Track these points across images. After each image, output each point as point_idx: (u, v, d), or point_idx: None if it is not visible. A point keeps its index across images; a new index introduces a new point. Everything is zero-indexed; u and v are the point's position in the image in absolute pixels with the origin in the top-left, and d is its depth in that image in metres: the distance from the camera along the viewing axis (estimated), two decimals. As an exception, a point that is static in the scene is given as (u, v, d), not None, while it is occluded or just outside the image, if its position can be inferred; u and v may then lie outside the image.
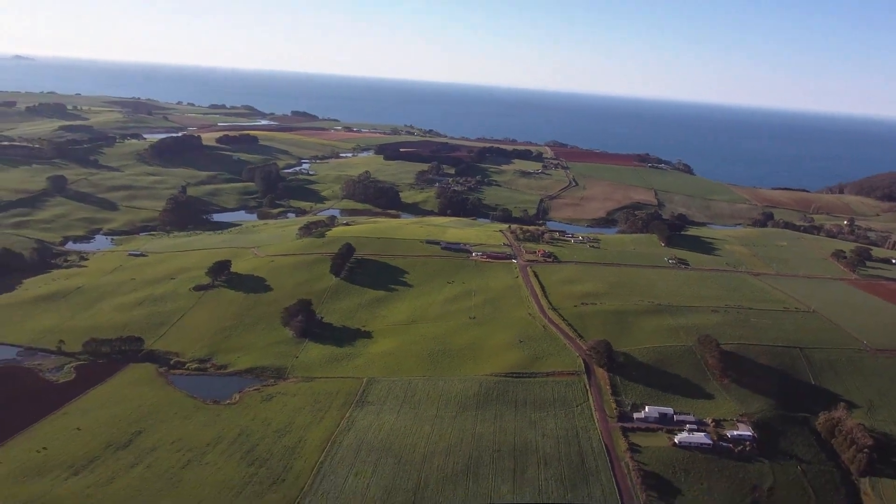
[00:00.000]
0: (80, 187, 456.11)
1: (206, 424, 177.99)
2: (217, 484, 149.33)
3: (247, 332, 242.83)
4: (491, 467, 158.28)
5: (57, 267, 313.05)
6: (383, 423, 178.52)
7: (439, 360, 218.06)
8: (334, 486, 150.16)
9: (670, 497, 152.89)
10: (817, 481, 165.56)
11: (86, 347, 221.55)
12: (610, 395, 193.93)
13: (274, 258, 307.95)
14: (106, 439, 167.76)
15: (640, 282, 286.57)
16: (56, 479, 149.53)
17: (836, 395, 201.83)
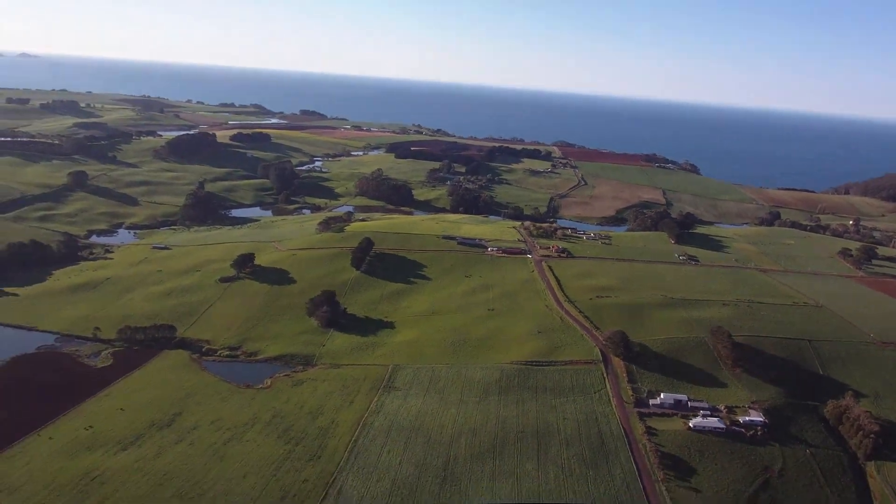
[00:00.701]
0: (100, 183, 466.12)
1: (242, 406, 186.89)
2: (258, 459, 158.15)
3: (273, 321, 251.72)
4: (515, 447, 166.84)
5: (84, 259, 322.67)
6: (410, 406, 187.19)
7: (461, 349, 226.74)
8: (368, 462, 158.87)
9: (686, 475, 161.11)
10: (825, 464, 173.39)
11: (120, 334, 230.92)
12: (626, 382, 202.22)
13: (295, 252, 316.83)
14: (149, 419, 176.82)
15: (652, 276, 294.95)
16: (106, 453, 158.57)
17: (843, 385, 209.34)
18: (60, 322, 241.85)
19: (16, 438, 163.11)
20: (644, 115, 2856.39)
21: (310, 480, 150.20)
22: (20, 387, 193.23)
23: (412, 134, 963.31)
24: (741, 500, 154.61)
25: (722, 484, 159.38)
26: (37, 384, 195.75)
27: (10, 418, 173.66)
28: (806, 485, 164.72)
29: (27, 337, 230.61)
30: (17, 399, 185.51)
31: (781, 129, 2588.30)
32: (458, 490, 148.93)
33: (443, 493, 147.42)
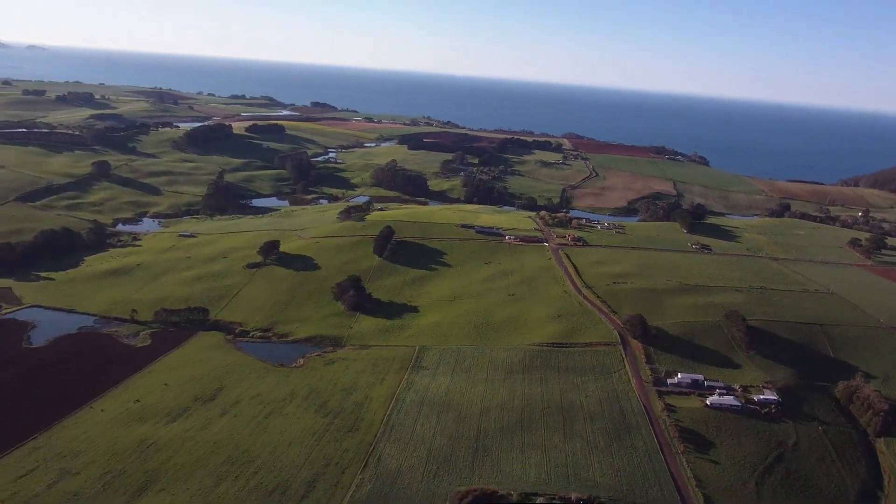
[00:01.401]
0: (122, 172, 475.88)
1: (279, 383, 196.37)
2: (300, 430, 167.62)
3: (301, 305, 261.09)
4: (542, 421, 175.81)
5: (112, 246, 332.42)
6: (439, 384, 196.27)
7: (484, 332, 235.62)
8: (403, 433, 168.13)
9: (705, 449, 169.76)
10: (837, 440, 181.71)
11: (157, 317, 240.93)
12: (644, 363, 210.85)
13: (318, 240, 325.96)
14: (193, 393, 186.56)
15: (667, 264, 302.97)
16: (156, 424, 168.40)
17: (853, 367, 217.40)
18: (98, 305, 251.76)
19: (71, 410, 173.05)
20: (650, 107, 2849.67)
21: (350, 450, 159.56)
22: (67, 364, 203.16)
23: (423, 126, 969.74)
24: (757, 472, 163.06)
25: (739, 457, 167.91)
26: (82, 362, 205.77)
27: (62, 392, 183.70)
28: (818, 459, 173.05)
29: (67, 318, 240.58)
30: (65, 375, 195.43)
31: (790, 122, 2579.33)
32: (490, 460, 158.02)
33: (476, 463, 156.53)
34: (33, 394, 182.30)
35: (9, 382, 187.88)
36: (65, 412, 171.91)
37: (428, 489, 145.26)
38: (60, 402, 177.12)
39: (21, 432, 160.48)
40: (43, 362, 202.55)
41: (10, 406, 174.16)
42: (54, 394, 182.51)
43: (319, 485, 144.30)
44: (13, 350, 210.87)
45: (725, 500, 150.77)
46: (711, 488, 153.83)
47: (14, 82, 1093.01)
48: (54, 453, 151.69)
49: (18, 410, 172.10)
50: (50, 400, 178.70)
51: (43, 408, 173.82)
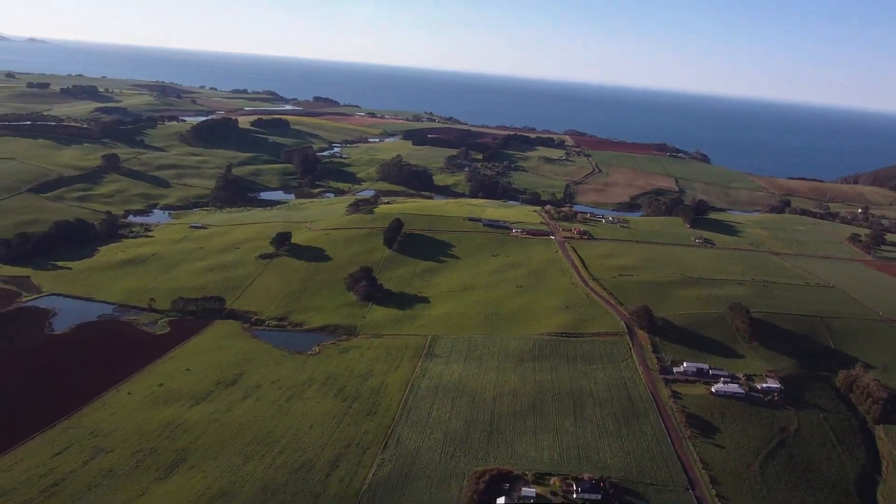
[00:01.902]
0: (131, 165, 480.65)
1: (297, 369, 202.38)
2: (320, 413, 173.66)
3: (314, 295, 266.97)
4: (553, 406, 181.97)
5: (125, 237, 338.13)
6: (452, 371, 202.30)
7: (494, 322, 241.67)
8: (420, 417, 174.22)
9: (710, 434, 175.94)
10: (837, 427, 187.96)
11: (174, 305, 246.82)
12: (651, 352, 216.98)
13: (329, 231, 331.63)
14: (215, 378, 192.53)
15: (671, 257, 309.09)
16: (182, 406, 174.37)
17: (853, 358, 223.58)
18: (115, 294, 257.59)
19: (98, 393, 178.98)
20: (650, 105, 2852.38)
21: (370, 432, 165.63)
22: (90, 349, 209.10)
23: (425, 122, 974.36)
24: (761, 456, 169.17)
25: (743, 441, 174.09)
26: (104, 348, 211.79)
27: (87, 376, 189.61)
28: (819, 444, 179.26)
29: (86, 307, 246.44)
30: (89, 360, 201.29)
31: (790, 121, 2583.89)
32: (504, 442, 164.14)
33: (491, 445, 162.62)
34: (60, 377, 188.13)
35: (35, 367, 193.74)
36: (93, 395, 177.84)
37: (446, 469, 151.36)
38: (87, 385, 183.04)
39: (52, 413, 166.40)
40: (67, 348, 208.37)
41: (39, 388, 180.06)
42: (80, 377, 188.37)
43: (342, 464, 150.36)
44: (37, 336, 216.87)
45: (731, 481, 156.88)
46: (717, 470, 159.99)
47: (17, 75, 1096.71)
48: (86, 433, 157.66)
49: (47, 392, 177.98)
50: (77, 383, 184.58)
51: (71, 390, 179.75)
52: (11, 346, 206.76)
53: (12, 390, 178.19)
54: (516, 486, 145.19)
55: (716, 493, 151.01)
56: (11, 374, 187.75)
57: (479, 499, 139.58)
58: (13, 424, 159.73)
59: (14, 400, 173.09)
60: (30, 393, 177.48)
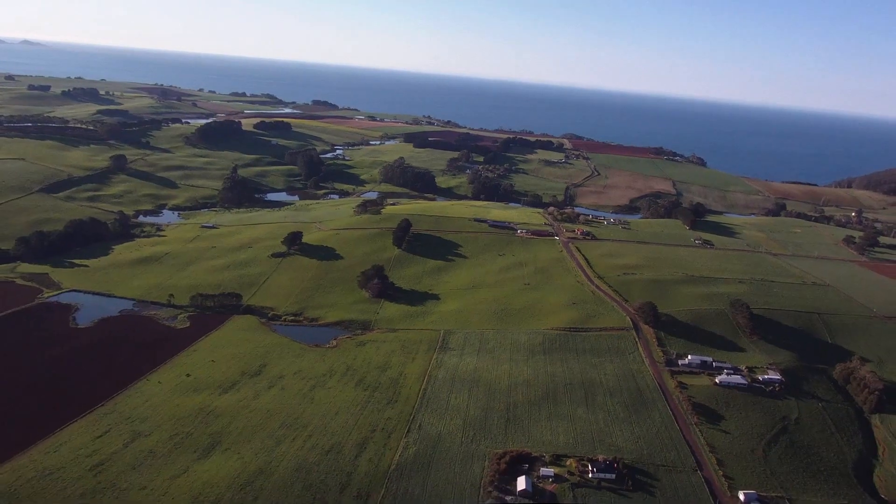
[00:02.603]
0: (138, 167, 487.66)
1: (317, 361, 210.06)
2: (343, 402, 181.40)
3: (327, 292, 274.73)
4: (566, 395, 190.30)
5: (137, 236, 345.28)
6: (467, 363, 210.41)
7: (503, 317, 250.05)
8: (439, 405, 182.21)
9: (716, 421, 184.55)
10: (835, 415, 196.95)
11: (192, 301, 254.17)
12: (656, 346, 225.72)
13: (338, 231, 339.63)
14: (239, 369, 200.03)
15: (673, 257, 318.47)
16: (211, 395, 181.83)
17: (849, 352, 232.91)
18: (134, 290, 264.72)
19: (129, 382, 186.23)
20: (645, 110, 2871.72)
21: (392, 418, 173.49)
22: (115, 342, 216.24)
23: (424, 125, 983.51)
24: (764, 441, 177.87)
25: (747, 428, 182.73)
26: (129, 340, 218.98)
27: (117, 366, 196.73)
28: (819, 431, 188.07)
29: (107, 302, 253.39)
30: (116, 352, 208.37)
31: (782, 126, 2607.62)
32: (521, 428, 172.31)
33: (508, 430, 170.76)
34: (89, 367, 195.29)
35: (65, 357, 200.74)
36: (124, 384, 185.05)
37: (468, 451, 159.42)
38: (117, 375, 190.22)
39: (88, 400, 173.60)
40: (93, 340, 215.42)
41: (71, 377, 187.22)
42: (109, 368, 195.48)
43: (369, 446, 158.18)
44: (62, 329, 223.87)
45: (737, 464, 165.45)
46: (723, 453, 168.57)
47: (17, 77, 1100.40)
48: (123, 418, 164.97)
49: (80, 381, 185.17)
50: (107, 373, 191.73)
51: (102, 380, 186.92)
52: (39, 338, 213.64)
53: (45, 379, 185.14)
54: (535, 466, 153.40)
55: (723, 474, 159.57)
56: (42, 364, 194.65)
57: (501, 478, 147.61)
58: (53, 410, 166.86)
59: (48, 388, 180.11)
60: (63, 381, 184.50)
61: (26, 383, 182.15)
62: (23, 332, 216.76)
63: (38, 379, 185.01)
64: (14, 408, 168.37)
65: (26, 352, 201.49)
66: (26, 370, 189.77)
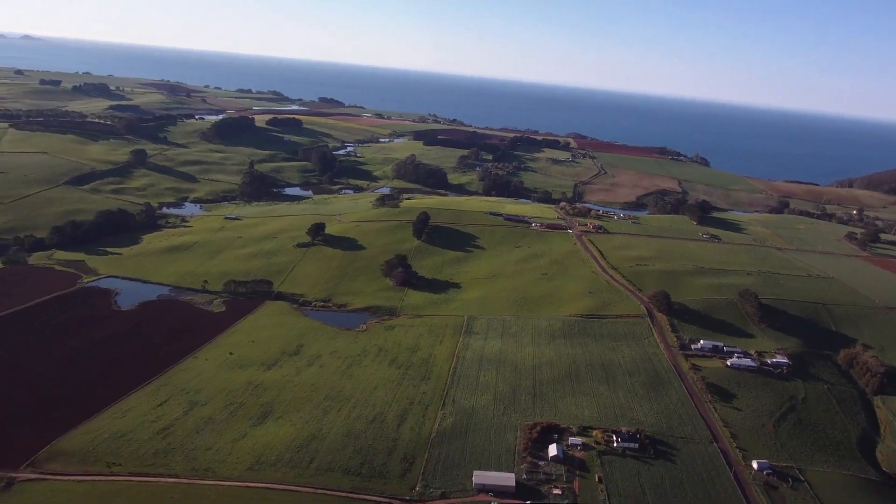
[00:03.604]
0: (157, 161, 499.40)
1: (350, 343, 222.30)
2: (380, 378, 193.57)
3: (352, 280, 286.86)
4: (588, 375, 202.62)
5: (163, 227, 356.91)
6: (492, 346, 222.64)
7: (523, 305, 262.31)
8: (469, 382, 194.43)
9: (728, 399, 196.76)
10: (840, 396, 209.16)
11: (226, 287, 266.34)
12: (670, 332, 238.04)
13: (359, 223, 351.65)
14: (279, 348, 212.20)
15: (682, 250, 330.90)
16: (256, 371, 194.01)
17: (852, 339, 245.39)
18: (169, 276, 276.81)
19: (178, 359, 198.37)
20: (649, 110, 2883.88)
21: (427, 393, 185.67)
22: (158, 323, 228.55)
23: (431, 123, 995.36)
24: (774, 418, 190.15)
25: (757, 406, 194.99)
26: (170, 322, 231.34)
27: (162, 345, 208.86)
28: (824, 410, 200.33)
29: (144, 288, 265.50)
30: (159, 332, 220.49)
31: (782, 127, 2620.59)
32: (548, 403, 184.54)
33: (536, 405, 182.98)
34: (138, 345, 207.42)
35: (113, 336, 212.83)
36: (173, 360, 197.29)
37: (500, 422, 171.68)
38: (166, 352, 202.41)
39: (143, 374, 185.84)
40: (136, 322, 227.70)
41: (123, 353, 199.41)
42: (157, 345, 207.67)
43: (409, 417, 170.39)
44: (106, 311, 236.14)
45: (749, 437, 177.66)
46: (736, 428, 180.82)
47: (26, 72, 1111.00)
48: (178, 390, 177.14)
49: (132, 357, 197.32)
50: (156, 350, 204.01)
51: (153, 356, 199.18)
52: (85, 319, 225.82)
53: (98, 354, 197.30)
54: (564, 436, 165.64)
55: (736, 446, 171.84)
56: (93, 341, 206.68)
57: (533, 446, 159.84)
58: (112, 382, 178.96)
59: (103, 362, 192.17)
60: (115, 357, 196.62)
61: (81, 358, 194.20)
62: (70, 314, 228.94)
63: (92, 354, 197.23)
64: (75, 379, 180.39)
65: (76, 331, 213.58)
66: (79, 347, 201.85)
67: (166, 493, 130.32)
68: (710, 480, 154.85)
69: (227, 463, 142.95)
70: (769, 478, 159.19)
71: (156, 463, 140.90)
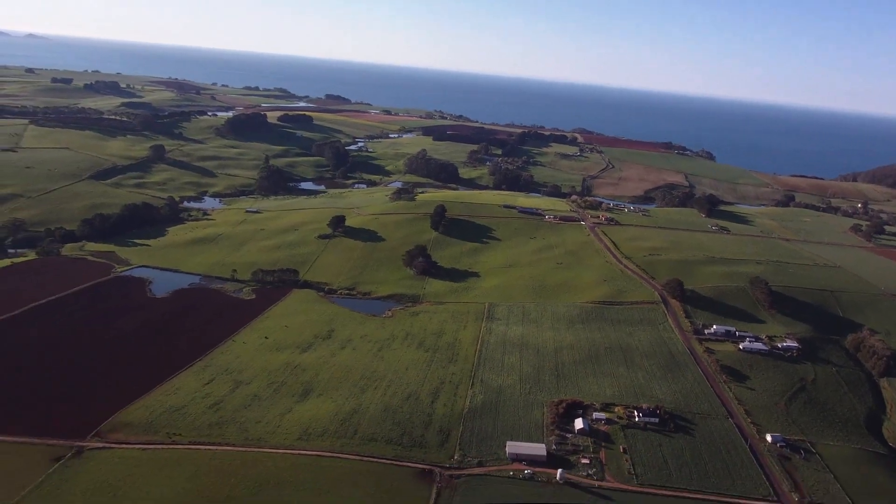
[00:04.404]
0: (175, 156, 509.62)
1: (378, 327, 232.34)
2: (410, 360, 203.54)
3: (375, 270, 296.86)
4: (607, 357, 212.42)
5: (186, 220, 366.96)
6: (514, 330, 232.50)
7: (541, 293, 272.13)
8: (495, 364, 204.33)
9: (742, 380, 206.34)
10: (848, 378, 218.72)
11: (254, 276, 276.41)
12: (684, 317, 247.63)
13: (377, 216, 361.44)
14: (312, 333, 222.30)
15: (693, 241, 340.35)
16: (292, 353, 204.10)
17: (859, 325, 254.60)
18: (198, 266, 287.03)
19: (217, 342, 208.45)
20: (652, 106, 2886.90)
21: (456, 374, 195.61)
22: (194, 309, 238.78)
23: (437, 119, 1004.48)
24: (785, 397, 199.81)
25: (769, 386, 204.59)
26: (205, 308, 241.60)
27: (200, 329, 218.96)
28: (833, 391, 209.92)
29: (175, 277, 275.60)
30: (196, 317, 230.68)
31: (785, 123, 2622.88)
32: (571, 383, 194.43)
33: (560, 384, 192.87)
34: (178, 329, 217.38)
35: (153, 321, 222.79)
36: (213, 343, 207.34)
37: (527, 399, 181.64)
38: (207, 335, 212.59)
39: (186, 356, 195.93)
40: (173, 308, 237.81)
41: (164, 337, 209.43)
42: (195, 330, 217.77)
43: (442, 395, 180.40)
44: (141, 299, 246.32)
45: (762, 414, 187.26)
46: (750, 405, 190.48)
47: (37, 70, 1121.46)
48: (222, 370, 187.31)
49: (174, 340, 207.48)
50: (195, 334, 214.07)
51: (193, 339, 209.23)
52: (125, 305, 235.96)
53: (141, 337, 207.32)
54: (588, 411, 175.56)
55: (750, 421, 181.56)
56: (134, 325, 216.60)
57: (560, 420, 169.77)
58: (158, 363, 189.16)
59: (146, 345, 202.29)
60: (157, 340, 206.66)
61: (126, 341, 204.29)
62: (109, 300, 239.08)
63: (135, 338, 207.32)
64: (124, 360, 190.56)
65: (117, 316, 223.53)
66: (123, 330, 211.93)
67: (225, 459, 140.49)
68: (727, 452, 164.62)
69: (277, 434, 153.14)
70: (782, 450, 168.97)
71: (212, 434, 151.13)
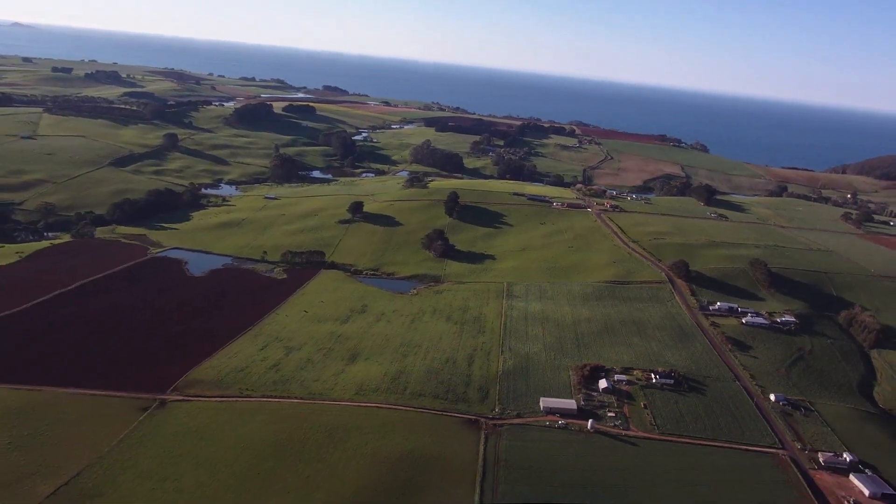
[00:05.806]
0: (188, 144, 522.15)
1: (407, 304, 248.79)
2: (442, 331, 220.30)
3: (395, 253, 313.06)
4: (621, 329, 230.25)
5: (206, 206, 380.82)
6: (533, 306, 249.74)
7: (555, 273, 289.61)
8: (520, 335, 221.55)
9: (745, 349, 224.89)
10: (841, 349, 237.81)
11: (283, 257, 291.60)
12: (690, 295, 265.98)
13: (392, 203, 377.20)
14: (347, 307, 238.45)
15: (695, 226, 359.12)
16: (334, 324, 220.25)
17: (851, 303, 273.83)
18: (228, 248, 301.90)
19: (261, 315, 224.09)
20: (645, 100, 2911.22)
21: (486, 342, 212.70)
22: (232, 287, 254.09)
23: (436, 110, 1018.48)
24: (786, 364, 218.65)
25: (770, 355, 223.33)
26: (242, 286, 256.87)
27: (242, 304, 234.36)
28: (829, 360, 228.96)
29: (208, 258, 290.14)
30: (235, 294, 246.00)
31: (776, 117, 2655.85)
32: (591, 350, 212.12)
33: (581, 351, 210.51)
34: (222, 303, 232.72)
35: (195, 297, 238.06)
36: (258, 316, 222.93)
37: (554, 364, 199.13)
38: (252, 309, 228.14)
39: (236, 326, 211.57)
40: (211, 286, 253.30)
41: (210, 310, 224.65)
42: (237, 304, 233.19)
43: (476, 360, 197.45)
44: (180, 278, 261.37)
45: (766, 378, 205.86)
46: (754, 371, 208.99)
47: (35, 60, 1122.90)
48: (273, 338, 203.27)
49: (220, 313, 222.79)
50: (238, 308, 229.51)
51: (238, 312, 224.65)
52: (168, 282, 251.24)
53: (190, 310, 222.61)
54: (610, 374, 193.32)
55: (755, 384, 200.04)
56: (182, 301, 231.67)
57: (585, 381, 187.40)
58: (213, 331, 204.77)
59: (196, 317, 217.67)
60: (205, 313, 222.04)
61: (178, 312, 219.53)
62: (151, 279, 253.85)
63: (185, 309, 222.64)
64: (181, 328, 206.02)
65: (164, 291, 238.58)
66: (174, 302, 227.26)
67: (295, 409, 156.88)
68: (735, 408, 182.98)
69: (335, 390, 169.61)
70: (785, 407, 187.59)
71: (277, 389, 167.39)
